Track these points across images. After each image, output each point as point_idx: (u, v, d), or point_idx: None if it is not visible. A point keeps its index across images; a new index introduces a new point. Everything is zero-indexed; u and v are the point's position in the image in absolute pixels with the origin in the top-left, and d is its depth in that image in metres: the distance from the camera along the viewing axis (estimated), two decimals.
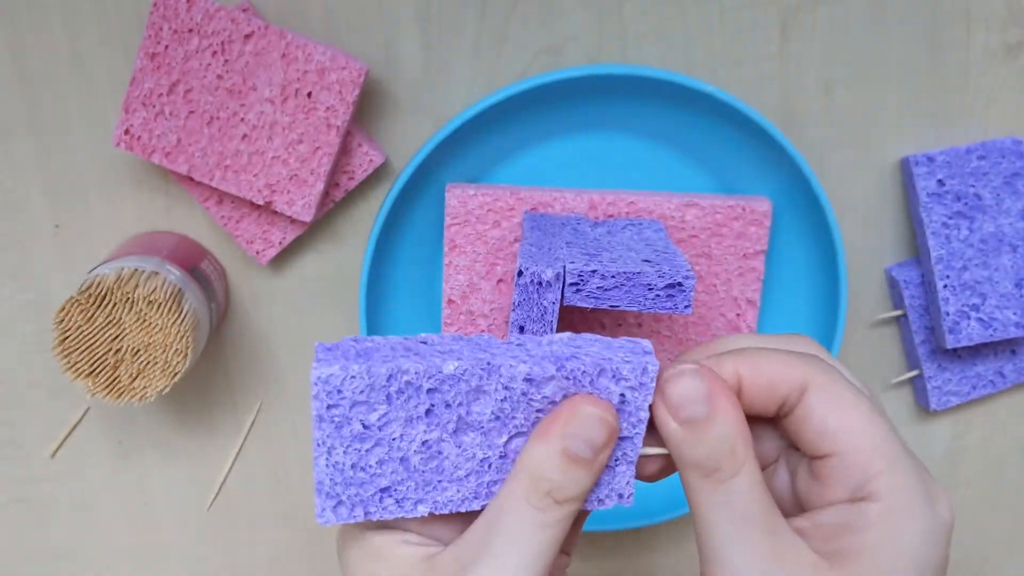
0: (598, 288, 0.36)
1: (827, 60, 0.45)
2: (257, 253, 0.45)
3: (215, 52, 0.40)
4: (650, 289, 0.37)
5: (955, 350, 0.48)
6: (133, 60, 0.44)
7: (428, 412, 0.27)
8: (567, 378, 0.27)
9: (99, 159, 0.45)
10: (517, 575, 0.26)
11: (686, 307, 0.37)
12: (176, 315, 0.40)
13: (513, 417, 0.27)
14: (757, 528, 0.26)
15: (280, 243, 0.45)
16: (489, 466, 0.28)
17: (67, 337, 0.40)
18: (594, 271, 0.36)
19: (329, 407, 0.26)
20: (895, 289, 0.48)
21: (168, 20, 0.40)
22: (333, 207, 0.46)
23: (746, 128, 0.43)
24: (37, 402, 0.49)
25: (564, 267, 0.36)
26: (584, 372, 0.27)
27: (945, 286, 0.45)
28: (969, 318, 0.46)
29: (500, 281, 0.44)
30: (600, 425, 0.26)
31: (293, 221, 0.45)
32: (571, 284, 0.36)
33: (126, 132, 0.42)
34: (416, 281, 0.46)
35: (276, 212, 0.44)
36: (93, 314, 0.40)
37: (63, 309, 0.40)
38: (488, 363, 0.26)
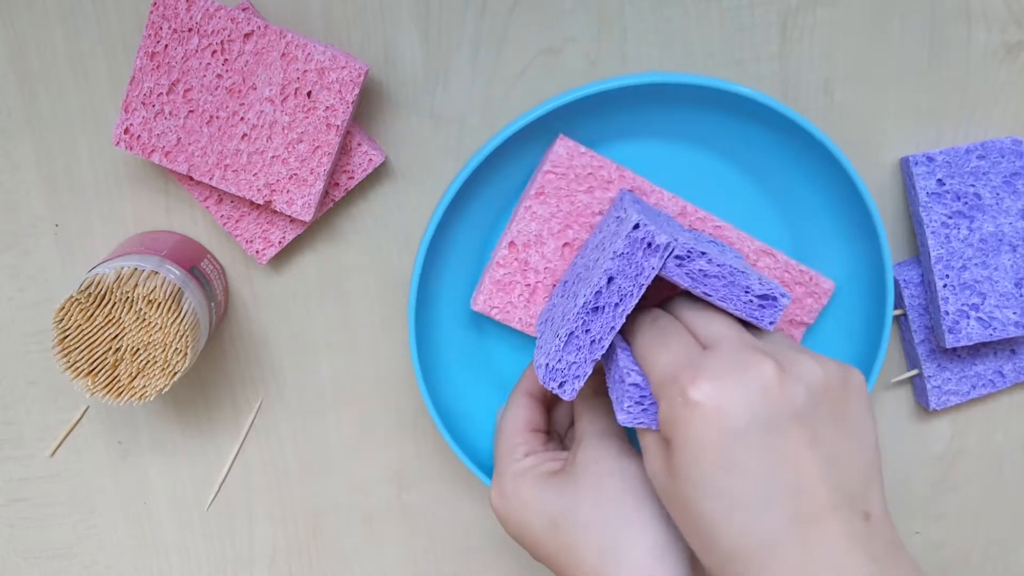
0: (700, 271, 0.36)
1: (827, 60, 0.45)
2: (257, 252, 0.45)
3: (215, 51, 0.40)
4: (747, 292, 0.37)
5: (955, 349, 0.48)
6: (133, 59, 0.44)
7: None
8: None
9: (99, 158, 0.45)
10: None
11: (770, 323, 0.37)
12: (176, 314, 0.40)
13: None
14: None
15: (280, 242, 0.45)
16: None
17: (67, 336, 0.40)
18: (703, 252, 0.36)
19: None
20: (895, 289, 0.48)
21: (168, 19, 0.40)
22: (333, 206, 0.46)
23: (822, 164, 0.43)
24: (37, 401, 0.49)
25: (676, 239, 0.36)
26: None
27: (945, 285, 0.45)
28: (969, 317, 0.46)
29: (566, 245, 0.43)
30: None
31: (293, 220, 0.45)
32: (676, 256, 0.36)
33: (126, 131, 0.42)
34: (473, 242, 0.45)
35: (276, 211, 0.44)
36: (92, 313, 0.40)
37: (62, 308, 0.40)
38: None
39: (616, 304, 0.36)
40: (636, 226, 0.36)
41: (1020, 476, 0.52)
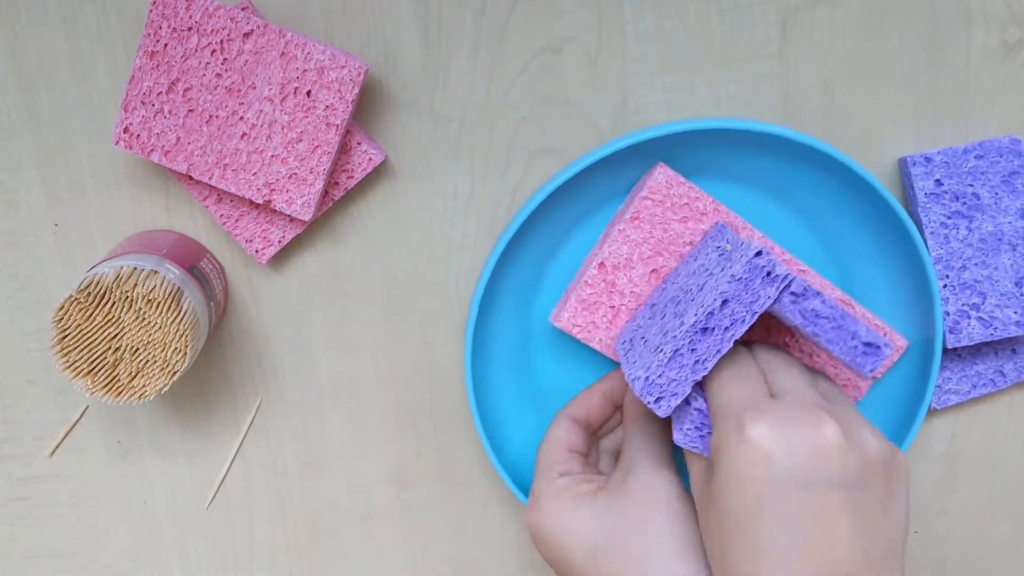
0: (813, 311, 0.36)
1: (827, 60, 0.45)
2: (256, 252, 0.45)
3: (214, 51, 0.40)
4: (854, 337, 0.37)
5: (955, 349, 0.48)
6: (132, 58, 0.44)
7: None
8: None
9: (98, 158, 0.45)
10: None
11: (870, 371, 0.37)
12: (175, 314, 0.40)
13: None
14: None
15: (279, 242, 0.45)
16: None
17: (66, 336, 0.40)
18: (818, 293, 0.36)
19: None
20: None
21: (167, 18, 0.40)
22: (332, 206, 0.46)
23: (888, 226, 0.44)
24: (36, 401, 0.49)
25: (794, 276, 0.36)
26: None
27: (945, 286, 0.45)
28: (969, 317, 0.46)
29: (654, 271, 0.44)
30: None
31: (292, 220, 0.45)
32: (792, 293, 0.36)
33: (125, 131, 0.42)
34: (521, 294, 0.46)
35: (275, 211, 0.44)
36: (92, 313, 0.40)
37: (62, 308, 0.40)
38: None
39: (726, 328, 0.36)
40: (759, 253, 0.36)
41: (1021, 476, 0.52)
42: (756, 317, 0.36)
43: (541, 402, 0.48)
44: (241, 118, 0.41)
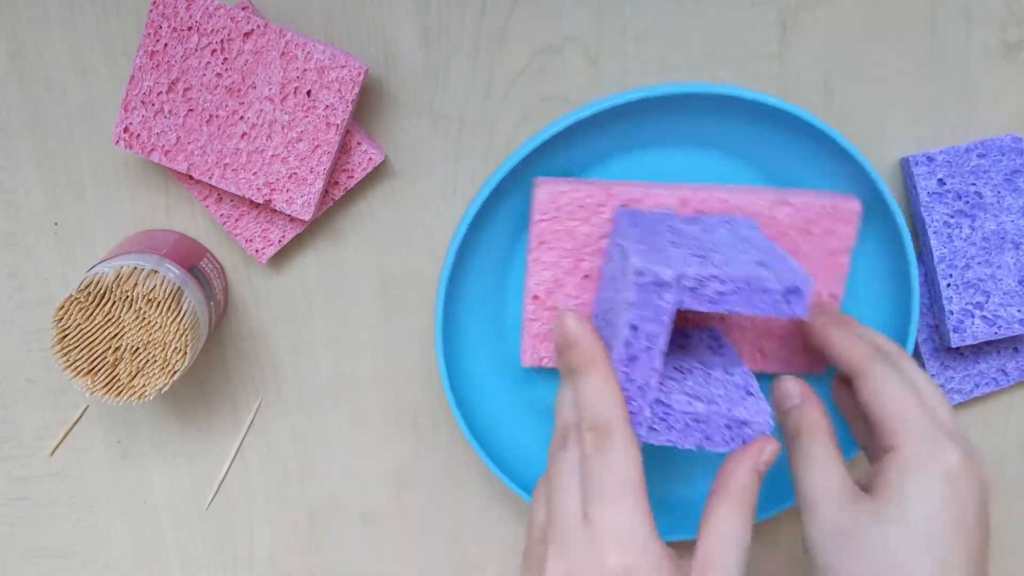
0: (717, 293, 0.36)
1: (827, 59, 0.45)
2: (256, 251, 0.45)
3: (214, 50, 0.40)
4: (766, 292, 0.36)
5: (958, 348, 0.48)
6: (132, 58, 0.44)
7: None
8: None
9: (98, 157, 0.45)
10: None
11: (804, 311, 0.36)
12: (175, 313, 0.40)
13: None
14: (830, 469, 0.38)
15: (279, 241, 0.45)
16: None
17: (66, 335, 0.40)
18: (714, 275, 0.36)
19: None
20: None
21: (167, 18, 0.40)
22: (332, 205, 0.46)
23: (839, 156, 0.43)
24: (36, 400, 0.49)
25: (684, 271, 0.36)
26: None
27: (948, 284, 0.45)
28: (973, 316, 0.45)
29: (586, 277, 0.43)
30: None
31: (292, 220, 0.45)
32: (690, 288, 0.36)
33: (125, 130, 0.42)
34: (492, 275, 0.46)
35: (275, 211, 0.44)
36: (92, 312, 0.40)
37: (62, 307, 0.40)
38: None
39: (648, 348, 0.36)
40: (639, 272, 0.36)
41: (1020, 475, 0.51)
42: (670, 323, 0.36)
43: (528, 397, 0.48)
44: (241, 118, 0.41)
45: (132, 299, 0.40)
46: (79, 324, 0.40)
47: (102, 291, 0.40)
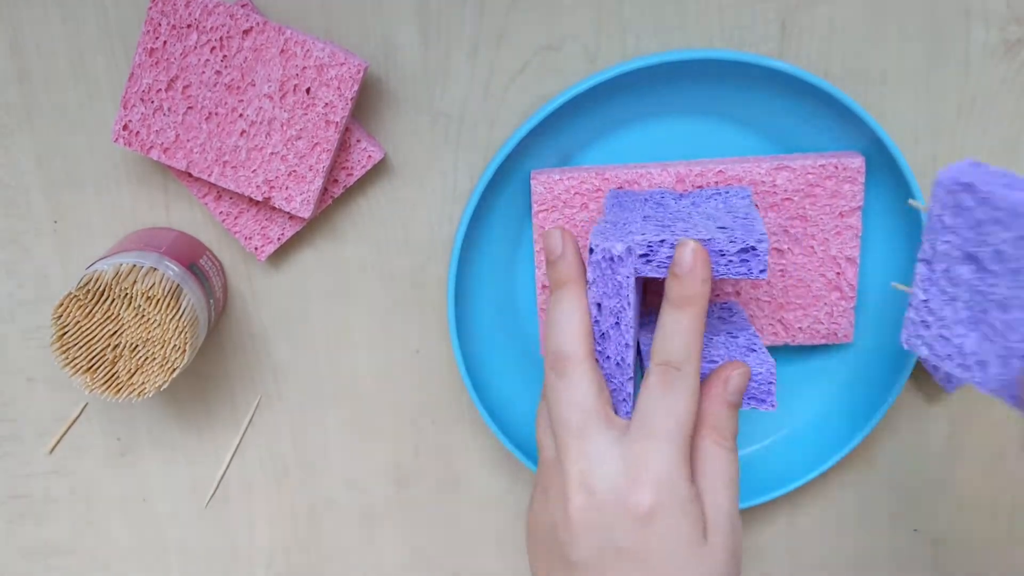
0: (668, 258, 0.36)
1: (827, 59, 0.45)
2: (256, 249, 0.45)
3: (214, 48, 0.40)
4: (722, 255, 0.36)
5: None
6: (131, 56, 0.44)
7: None
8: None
9: (98, 155, 0.45)
10: None
11: (761, 272, 0.36)
12: (174, 311, 0.40)
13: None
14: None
15: (279, 239, 0.45)
16: None
17: (65, 333, 0.40)
18: (663, 241, 0.36)
19: None
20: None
21: (167, 16, 0.40)
22: (332, 203, 0.46)
23: (842, 114, 0.43)
24: (35, 398, 0.49)
25: (634, 240, 0.36)
26: None
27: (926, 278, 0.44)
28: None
29: None
30: None
31: (292, 217, 0.45)
32: (641, 256, 0.36)
33: (124, 128, 0.42)
34: (500, 264, 0.46)
35: (275, 208, 0.44)
36: (91, 310, 0.40)
37: (61, 305, 0.40)
38: None
39: (616, 323, 0.37)
40: (591, 250, 0.36)
41: (1021, 474, 0.52)
42: (633, 296, 0.36)
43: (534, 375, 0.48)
44: (240, 115, 0.41)
45: (131, 297, 0.40)
46: (78, 322, 0.40)
47: (101, 289, 0.40)
